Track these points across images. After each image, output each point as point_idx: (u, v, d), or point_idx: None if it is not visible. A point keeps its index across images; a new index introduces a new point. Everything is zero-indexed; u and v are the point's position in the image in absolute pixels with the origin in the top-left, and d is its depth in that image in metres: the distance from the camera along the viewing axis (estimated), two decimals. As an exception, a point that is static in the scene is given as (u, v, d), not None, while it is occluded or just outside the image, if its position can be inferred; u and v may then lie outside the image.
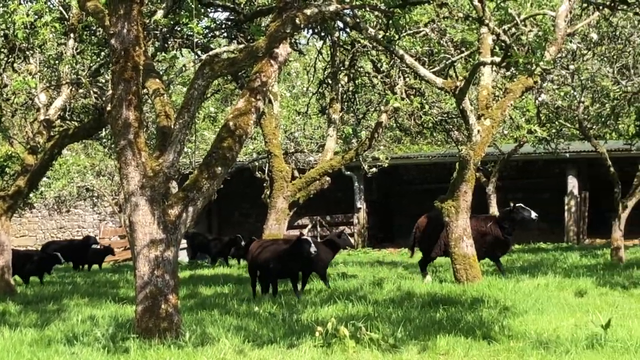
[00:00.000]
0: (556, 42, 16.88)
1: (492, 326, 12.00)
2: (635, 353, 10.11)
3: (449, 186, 17.84)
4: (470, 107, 17.30)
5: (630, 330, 11.37)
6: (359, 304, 14.62)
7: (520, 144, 31.87)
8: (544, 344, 10.72)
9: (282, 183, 23.31)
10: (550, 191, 38.20)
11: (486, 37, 17.00)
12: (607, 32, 21.64)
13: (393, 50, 16.40)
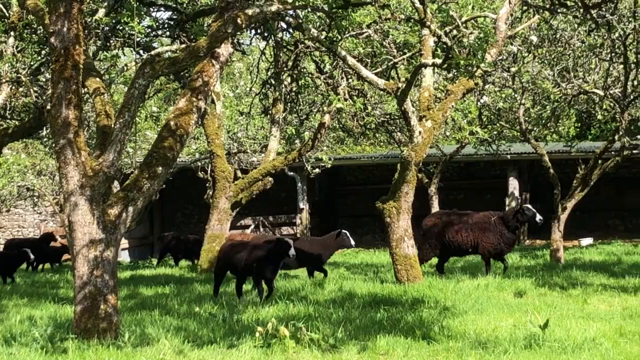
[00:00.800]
0: (497, 45, 17.02)
1: (432, 326, 12.07)
2: (572, 353, 10.23)
3: (391, 187, 17.91)
4: (412, 109, 17.39)
5: (567, 330, 11.52)
6: (300, 304, 14.62)
7: (462, 146, 32.07)
8: (482, 344, 10.81)
9: (224, 183, 23.28)
10: (492, 192, 38.49)
11: (428, 39, 17.09)
12: (548, 34, 21.84)
13: (335, 51, 16.46)
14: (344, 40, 18.25)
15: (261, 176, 23.47)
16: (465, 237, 19.09)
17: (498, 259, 19.44)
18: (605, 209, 37.93)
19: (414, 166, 17.60)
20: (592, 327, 11.95)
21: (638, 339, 11.26)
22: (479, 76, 16.75)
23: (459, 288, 16.53)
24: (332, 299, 15.44)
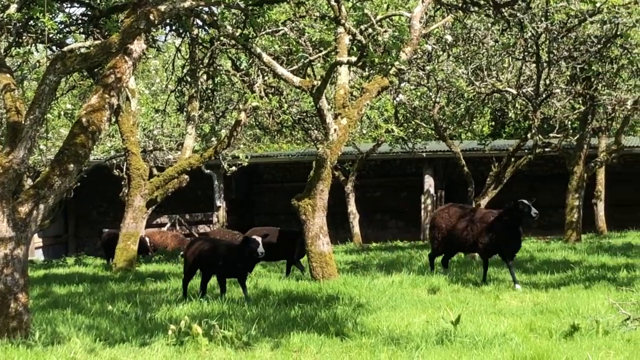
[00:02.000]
0: (411, 43, 17.12)
1: (345, 323, 12.11)
2: (483, 348, 10.35)
3: (306, 184, 17.94)
4: (328, 106, 17.44)
5: (479, 325, 11.65)
6: (214, 302, 14.56)
7: (379, 143, 32.26)
8: (395, 340, 10.88)
9: (139, 181, 23.09)
10: (408, 190, 38.83)
11: (343, 37, 17.16)
12: (462, 34, 22.08)
13: (251, 49, 16.42)
14: (259, 38, 18.23)
15: (177, 174, 23.30)
16: (465, 234, 17.93)
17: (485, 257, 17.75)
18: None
19: (330, 164, 17.64)
20: (504, 323, 12.12)
21: (547, 334, 11.44)
22: (394, 74, 16.85)
23: (374, 285, 16.61)
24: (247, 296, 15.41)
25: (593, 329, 11.44)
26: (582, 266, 19.38)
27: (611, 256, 21.57)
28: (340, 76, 18.42)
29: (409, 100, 27.03)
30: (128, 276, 20.14)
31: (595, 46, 22.10)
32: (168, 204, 32.80)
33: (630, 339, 10.99)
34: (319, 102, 16.87)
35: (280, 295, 15.29)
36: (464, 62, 23.40)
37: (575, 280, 17.31)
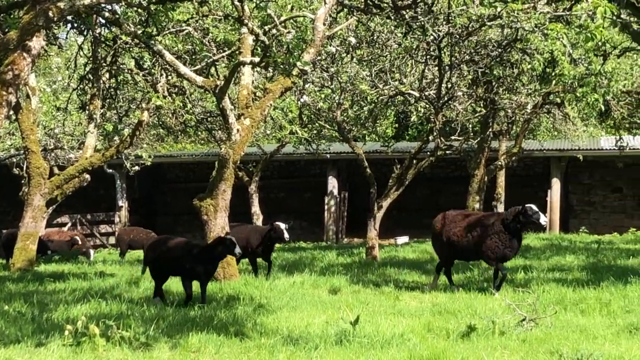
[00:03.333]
0: (315, 45, 17.15)
1: (245, 323, 12.12)
2: (380, 348, 10.45)
3: (208, 185, 17.87)
4: (231, 107, 17.39)
5: (377, 326, 11.76)
6: (113, 302, 14.41)
7: (283, 144, 32.27)
8: (294, 340, 10.92)
9: (39, 180, 22.74)
10: (311, 191, 38.95)
11: (246, 38, 17.13)
12: (365, 36, 22.20)
13: (153, 47, 16.28)
14: (163, 37, 18.10)
15: (78, 173, 23.01)
16: (465, 240, 16.56)
17: (497, 264, 16.29)
18: (421, 208, 38.84)
19: (232, 164, 17.60)
20: (402, 323, 12.25)
21: (445, 334, 11.61)
22: (297, 75, 16.86)
23: (275, 285, 16.64)
24: (147, 297, 15.30)
25: (489, 329, 11.64)
26: (480, 267, 19.64)
27: (509, 258, 21.90)
28: (243, 76, 18.39)
29: (313, 102, 27.07)
30: (26, 276, 19.79)
31: (496, 50, 22.43)
32: (69, 203, 32.37)
33: (526, 339, 11.21)
34: (222, 102, 16.80)
35: (180, 296, 15.21)
36: (368, 64, 23.53)
37: (474, 281, 17.59)
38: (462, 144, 27.47)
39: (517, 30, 20.17)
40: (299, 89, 24.80)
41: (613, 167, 37.38)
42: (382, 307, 14.18)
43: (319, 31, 17.23)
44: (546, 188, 35.36)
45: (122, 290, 16.43)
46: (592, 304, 14.04)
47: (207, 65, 19.59)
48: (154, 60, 21.21)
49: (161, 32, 17.05)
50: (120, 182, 37.03)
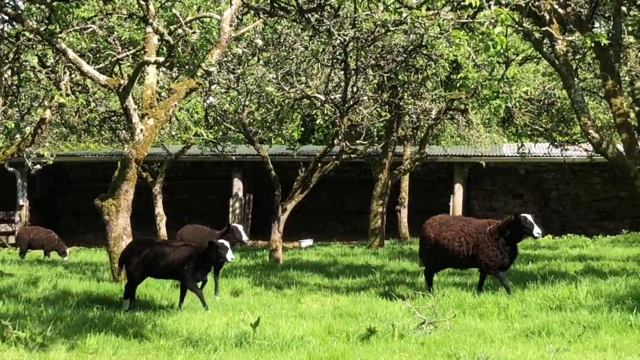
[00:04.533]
0: (220, 46, 17.06)
1: (145, 325, 12.02)
2: (280, 351, 10.46)
3: (111, 184, 17.66)
4: (134, 106, 17.21)
5: (278, 328, 11.76)
6: (10, 302, 14.16)
7: (188, 146, 32.04)
8: (194, 342, 10.87)
9: (-64, 177, 22.26)
10: (217, 193, 38.78)
11: (151, 37, 16.97)
12: (272, 38, 22.19)
13: (56, 45, 16.05)
14: (67, 35, 17.84)
15: (-23, 171, 22.58)
16: (458, 247, 15.94)
17: (496, 273, 15.82)
18: (325, 211, 39.01)
19: (135, 164, 17.41)
20: (303, 326, 12.28)
21: (345, 337, 11.67)
22: (202, 76, 16.78)
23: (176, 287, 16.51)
24: (45, 297, 15.09)
25: (389, 332, 11.74)
26: (383, 271, 19.80)
27: (411, 262, 22.11)
28: (148, 76, 18.21)
29: (219, 103, 26.98)
30: None
31: (401, 56, 22.64)
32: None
33: (424, 342, 11.32)
34: (126, 102, 16.62)
35: (79, 297, 15.03)
36: (274, 66, 23.52)
37: (375, 284, 17.70)
38: (367, 148, 27.62)
39: (422, 36, 20.39)
40: (205, 90, 24.68)
41: (515, 174, 38.01)
42: (284, 310, 14.22)
43: (224, 32, 17.15)
44: (449, 193, 35.76)
45: (19, 290, 16.17)
46: (491, 308, 14.22)
47: (111, 64, 19.39)
48: (57, 58, 20.91)
49: (64, 30, 16.82)
50: (21, 181, 36.40)
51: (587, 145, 28.31)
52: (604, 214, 38.84)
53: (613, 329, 12.16)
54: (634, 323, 12.33)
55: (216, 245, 14.43)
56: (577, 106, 16.82)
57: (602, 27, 21.74)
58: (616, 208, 38.50)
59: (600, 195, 38.90)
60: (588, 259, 22.81)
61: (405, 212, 33.56)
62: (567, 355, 10.41)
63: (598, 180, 38.80)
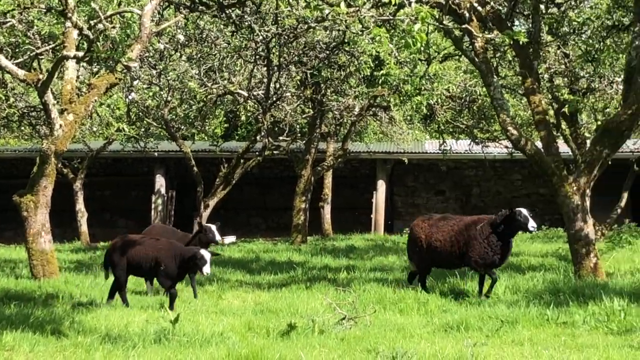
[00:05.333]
0: (141, 41, 16.93)
1: (63, 322, 11.88)
2: (200, 347, 10.43)
3: (29, 180, 17.43)
4: (54, 101, 17.02)
5: (198, 324, 11.75)
6: None
7: (110, 142, 31.79)
8: (112, 338, 10.79)
9: None
10: (139, 189, 38.47)
11: (71, 31, 16.79)
12: (195, 34, 22.10)
13: (-28, 38, 15.82)
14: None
15: None
16: (449, 246, 15.39)
17: (487, 271, 15.15)
18: (248, 207, 38.94)
19: (54, 160, 17.22)
20: (223, 322, 12.26)
21: (265, 332, 11.68)
22: (121, 71, 16.64)
23: (97, 283, 16.41)
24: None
25: (309, 328, 11.77)
26: (305, 267, 19.84)
27: (334, 258, 22.19)
28: (67, 71, 18.03)
29: (141, 99, 26.82)
30: None
31: (323, 52, 22.70)
32: None
33: (344, 338, 11.38)
34: (45, 97, 16.44)
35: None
36: (197, 62, 23.45)
37: (297, 280, 17.72)
38: (290, 145, 27.68)
39: (344, 33, 20.48)
40: (127, 86, 24.52)
41: (437, 170, 38.33)
42: (205, 306, 14.18)
43: (145, 27, 17.02)
44: (372, 190, 35.91)
45: None
46: (411, 303, 14.33)
47: (30, 59, 19.17)
48: (-26, 52, 20.62)
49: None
50: (-64, 178, 35.81)
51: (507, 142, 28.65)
52: (524, 210, 39.29)
53: (530, 323, 12.36)
54: (551, 317, 12.55)
55: (197, 256, 13.73)
56: (496, 103, 17.01)
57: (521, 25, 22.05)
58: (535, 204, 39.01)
59: (520, 192, 39.39)
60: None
61: (328, 209, 33.66)
62: (484, 349, 10.52)
63: (518, 176, 39.29)
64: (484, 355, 10.09)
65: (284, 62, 22.61)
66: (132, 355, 9.99)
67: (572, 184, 16.55)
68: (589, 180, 16.99)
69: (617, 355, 10.09)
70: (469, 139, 32.36)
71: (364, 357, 10.08)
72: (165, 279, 13.95)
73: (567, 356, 10.10)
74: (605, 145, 16.62)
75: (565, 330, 12.04)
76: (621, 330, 11.96)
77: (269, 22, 20.44)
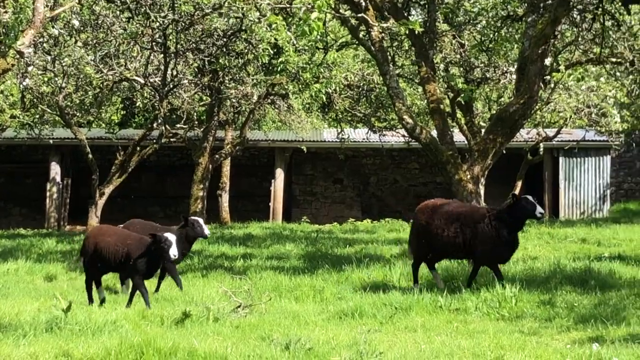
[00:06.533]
0: (35, 26, 16.63)
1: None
2: (92, 335, 10.33)
3: None
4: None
5: (90, 313, 11.60)
6: None
7: (3, 129, 31.16)
8: (2, 327, 10.62)
9: None
10: (33, 177, 37.85)
11: (-39, 15, 16.41)
12: (90, 20, 21.76)
13: None
14: None
15: None
16: (453, 235, 14.28)
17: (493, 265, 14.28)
18: (146, 196, 38.61)
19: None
20: (117, 311, 12.15)
21: (159, 321, 11.62)
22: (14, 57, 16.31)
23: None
24: None
25: (204, 316, 11.74)
26: (201, 255, 19.75)
27: (231, 246, 22.13)
28: (-43, 56, 17.60)
29: (35, 85, 26.33)
30: None
31: (221, 39, 22.58)
32: None
33: (239, 326, 11.41)
34: None
35: None
36: (92, 48, 23.11)
37: (193, 269, 17.68)
38: (187, 132, 27.51)
39: (241, 21, 20.41)
40: (22, 72, 24.04)
41: (335, 159, 38.47)
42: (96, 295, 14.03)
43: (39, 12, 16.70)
44: (270, 178, 35.91)
45: None
46: (307, 291, 14.42)
47: None
48: None
49: None
50: None
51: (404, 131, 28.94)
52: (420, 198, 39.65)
53: (423, 310, 12.54)
54: (444, 304, 12.75)
55: (160, 239, 12.92)
56: (392, 92, 17.18)
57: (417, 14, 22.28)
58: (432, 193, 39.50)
59: (417, 180, 39.83)
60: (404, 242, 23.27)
61: (226, 197, 33.54)
62: (378, 336, 10.64)
63: (415, 165, 39.72)
64: (377, 341, 10.20)
65: (181, 49, 22.41)
66: (23, 344, 9.85)
67: (466, 171, 16.81)
68: (483, 168, 17.30)
69: (507, 340, 10.29)
70: (366, 128, 32.56)
71: (258, 345, 10.09)
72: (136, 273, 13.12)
73: (458, 342, 10.26)
74: (498, 133, 16.92)
75: (457, 317, 12.24)
76: (512, 316, 12.21)
77: (165, 8, 20.25)
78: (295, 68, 22.36)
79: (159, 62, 23.58)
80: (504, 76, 23.36)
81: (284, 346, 9.75)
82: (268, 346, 9.91)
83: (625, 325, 11.07)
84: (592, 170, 35.13)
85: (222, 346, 9.76)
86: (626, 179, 38.42)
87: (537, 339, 10.58)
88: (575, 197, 34.53)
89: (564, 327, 11.26)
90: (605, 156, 35.26)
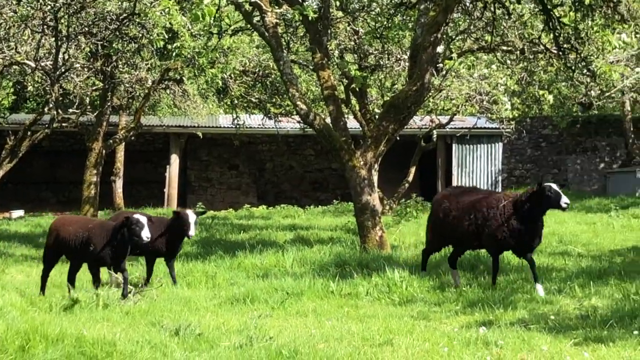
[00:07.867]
0: None
1: None
2: None
3: None
4: None
5: (-25, 300, 11.40)
6: None
7: None
8: None
9: None
10: None
11: None
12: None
13: None
14: None
15: None
16: (467, 224, 13.49)
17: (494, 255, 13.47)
18: (38, 181, 38.01)
19: None
20: (4, 297, 11.92)
21: (47, 307, 11.50)
22: None
23: None
24: None
25: (94, 302, 11.63)
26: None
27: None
28: None
29: None
30: None
31: (114, 23, 22.29)
32: None
33: (129, 312, 11.35)
34: None
35: None
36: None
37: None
38: (80, 117, 27.10)
39: (134, 4, 20.19)
40: None
41: (230, 145, 38.36)
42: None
43: None
44: (165, 164, 35.67)
45: None
46: (199, 276, 14.44)
47: None
48: None
49: None
50: None
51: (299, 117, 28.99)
52: (316, 185, 40.03)
53: (315, 295, 12.64)
54: (335, 289, 12.87)
55: (132, 221, 12.49)
56: (286, 78, 17.20)
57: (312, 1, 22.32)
58: (328, 179, 39.75)
59: (312, 167, 40.04)
60: (298, 229, 23.44)
61: (120, 183, 33.20)
62: (268, 321, 10.69)
63: (311, 152, 39.90)
64: (267, 326, 10.24)
65: (73, 33, 22.06)
66: None
67: (359, 158, 16.93)
68: (376, 154, 17.47)
69: (397, 324, 10.43)
70: (262, 114, 32.53)
71: (148, 331, 10.05)
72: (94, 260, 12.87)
73: (348, 326, 10.36)
74: (391, 120, 17.08)
75: (349, 302, 12.37)
76: (402, 301, 12.39)
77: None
78: (191, 53, 22.19)
79: (51, 46, 23.17)
80: (397, 63, 23.57)
81: (173, 332, 9.74)
82: (158, 332, 9.88)
83: (512, 309, 11.31)
84: (485, 157, 35.74)
85: (110, 332, 9.67)
86: (517, 166, 39.16)
87: (426, 323, 10.75)
88: (467, 183, 34.98)
89: (453, 311, 11.46)
90: (497, 143, 35.89)
